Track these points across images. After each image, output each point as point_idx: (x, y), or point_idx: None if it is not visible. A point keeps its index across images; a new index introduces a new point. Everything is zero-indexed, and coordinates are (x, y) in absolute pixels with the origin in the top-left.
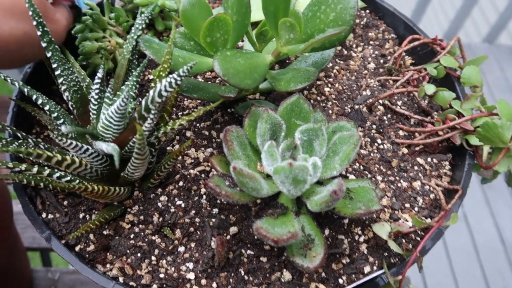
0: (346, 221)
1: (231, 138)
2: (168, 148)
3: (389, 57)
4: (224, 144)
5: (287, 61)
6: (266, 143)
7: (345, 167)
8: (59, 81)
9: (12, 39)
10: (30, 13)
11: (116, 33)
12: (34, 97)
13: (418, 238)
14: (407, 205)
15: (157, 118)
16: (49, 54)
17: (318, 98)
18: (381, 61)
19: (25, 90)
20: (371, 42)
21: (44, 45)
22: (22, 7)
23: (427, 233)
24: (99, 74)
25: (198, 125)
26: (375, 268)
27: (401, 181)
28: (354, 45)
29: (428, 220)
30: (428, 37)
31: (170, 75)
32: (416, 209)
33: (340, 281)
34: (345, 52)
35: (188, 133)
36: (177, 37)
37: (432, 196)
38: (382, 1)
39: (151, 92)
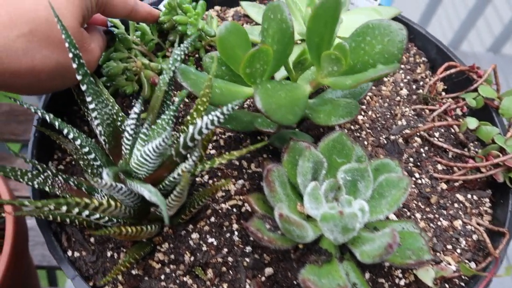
0: (386, 263)
1: (273, 178)
2: (197, 179)
3: (421, 83)
4: (265, 185)
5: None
6: (310, 185)
7: (392, 211)
8: (93, 115)
9: (45, 68)
10: (67, 44)
11: (141, 52)
12: (66, 131)
13: (462, 284)
14: (449, 246)
15: (198, 158)
16: (84, 88)
17: (352, 127)
18: (414, 86)
19: (56, 123)
20: (402, 66)
21: (79, 78)
22: (59, 37)
23: (477, 284)
24: (136, 109)
25: (227, 154)
26: None
27: (441, 219)
28: None
29: (473, 264)
30: (464, 64)
31: (212, 113)
32: (458, 251)
33: None
34: None
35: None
36: (208, 61)
37: (475, 237)
38: (414, 23)
39: (190, 129)
